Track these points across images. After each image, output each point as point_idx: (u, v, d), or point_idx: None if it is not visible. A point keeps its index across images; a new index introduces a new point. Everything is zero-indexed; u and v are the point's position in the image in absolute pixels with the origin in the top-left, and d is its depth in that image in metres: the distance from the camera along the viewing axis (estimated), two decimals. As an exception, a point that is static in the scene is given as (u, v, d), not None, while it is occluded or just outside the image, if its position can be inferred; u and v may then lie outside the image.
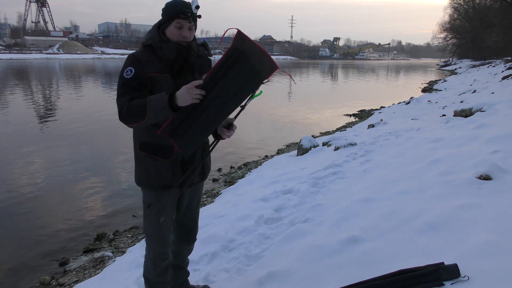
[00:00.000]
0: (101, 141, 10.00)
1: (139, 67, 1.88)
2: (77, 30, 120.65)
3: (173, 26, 1.89)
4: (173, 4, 1.89)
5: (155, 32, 1.94)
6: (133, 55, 1.93)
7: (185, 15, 1.86)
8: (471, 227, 2.41)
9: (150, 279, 2.20)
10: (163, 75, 1.91)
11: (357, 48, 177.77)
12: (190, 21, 1.90)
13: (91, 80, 31.17)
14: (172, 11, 1.88)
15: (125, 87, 1.86)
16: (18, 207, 5.76)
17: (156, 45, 1.91)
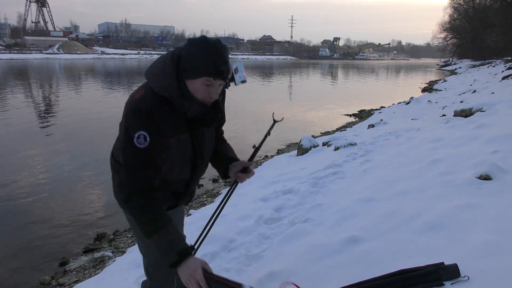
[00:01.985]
0: (101, 141, 10.00)
1: (155, 133, 1.43)
2: (77, 30, 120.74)
3: (201, 82, 1.43)
4: (206, 55, 1.39)
5: (174, 80, 1.43)
6: (145, 111, 1.41)
7: (220, 74, 1.43)
8: (471, 227, 2.41)
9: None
10: (181, 137, 1.55)
11: (357, 48, 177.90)
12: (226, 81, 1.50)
13: (91, 80, 31.17)
14: (204, 66, 1.40)
15: (137, 162, 1.45)
16: (18, 207, 5.76)
17: (174, 100, 1.46)
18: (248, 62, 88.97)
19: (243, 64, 1.60)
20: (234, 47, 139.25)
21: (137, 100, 1.44)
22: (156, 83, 1.45)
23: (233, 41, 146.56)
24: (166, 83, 1.43)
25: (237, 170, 1.82)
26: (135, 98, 1.46)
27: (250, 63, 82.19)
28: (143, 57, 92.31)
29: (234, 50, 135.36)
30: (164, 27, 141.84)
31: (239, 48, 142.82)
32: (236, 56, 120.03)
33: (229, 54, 1.53)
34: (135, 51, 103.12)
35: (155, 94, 1.44)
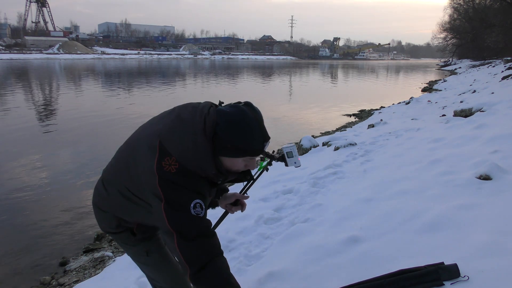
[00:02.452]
0: (101, 141, 10.00)
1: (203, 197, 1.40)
2: (77, 30, 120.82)
3: (242, 160, 1.40)
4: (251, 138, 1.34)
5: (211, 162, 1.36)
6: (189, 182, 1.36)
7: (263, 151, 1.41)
8: (471, 227, 2.41)
9: None
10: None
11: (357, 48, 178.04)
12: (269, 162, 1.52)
13: (92, 80, 31.17)
14: (248, 148, 1.36)
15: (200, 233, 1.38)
16: (18, 207, 5.76)
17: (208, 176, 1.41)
18: (248, 62, 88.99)
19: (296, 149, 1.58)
20: (234, 47, 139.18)
21: (176, 175, 1.34)
22: (189, 162, 1.34)
23: (233, 41, 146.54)
24: (202, 162, 1.35)
25: (229, 203, 1.79)
26: (168, 170, 1.34)
27: (250, 63, 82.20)
28: (143, 57, 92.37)
29: (234, 50, 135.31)
30: (164, 27, 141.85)
31: (239, 48, 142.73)
32: (236, 56, 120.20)
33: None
34: (135, 51, 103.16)
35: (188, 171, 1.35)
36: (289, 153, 1.62)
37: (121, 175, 1.52)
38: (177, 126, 1.37)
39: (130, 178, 1.47)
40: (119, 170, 1.54)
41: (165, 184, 1.33)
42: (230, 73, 43.12)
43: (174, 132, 1.36)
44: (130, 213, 1.57)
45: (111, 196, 1.57)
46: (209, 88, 26.26)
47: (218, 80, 32.84)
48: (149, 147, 1.39)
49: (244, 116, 1.33)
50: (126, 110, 14.86)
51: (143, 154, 1.41)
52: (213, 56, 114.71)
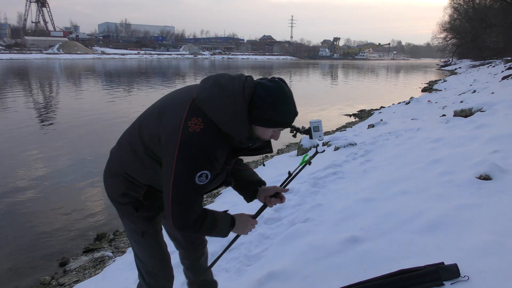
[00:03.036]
0: (101, 141, 10.00)
1: (213, 169, 1.47)
2: (77, 30, 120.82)
3: (272, 131, 1.51)
4: (287, 108, 1.44)
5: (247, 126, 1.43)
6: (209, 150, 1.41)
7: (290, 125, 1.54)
8: (471, 227, 2.41)
9: None
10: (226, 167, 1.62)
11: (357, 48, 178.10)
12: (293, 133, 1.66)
13: (92, 80, 31.17)
14: (281, 120, 1.45)
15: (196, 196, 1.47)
16: (18, 207, 5.76)
17: (241, 139, 1.48)
18: (248, 62, 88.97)
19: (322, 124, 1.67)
20: (234, 47, 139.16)
21: (198, 136, 1.39)
22: (223, 122, 1.40)
23: (233, 41, 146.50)
24: (238, 126, 1.41)
25: (268, 195, 1.88)
26: (193, 130, 1.38)
27: (250, 63, 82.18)
28: (143, 57, 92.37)
29: (234, 50, 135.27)
30: (164, 27, 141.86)
31: (239, 48, 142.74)
32: (236, 56, 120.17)
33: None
34: (135, 51, 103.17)
35: (216, 129, 1.41)
36: (316, 127, 1.69)
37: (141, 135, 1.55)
38: (216, 90, 1.41)
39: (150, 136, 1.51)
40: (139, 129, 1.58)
41: (184, 145, 1.38)
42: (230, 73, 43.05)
43: (212, 95, 1.41)
44: (140, 171, 1.60)
45: (123, 154, 1.63)
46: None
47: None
48: (179, 107, 1.44)
49: (282, 91, 1.43)
50: (126, 110, 14.85)
51: (171, 113, 1.45)
52: (213, 56, 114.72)
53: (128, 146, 1.61)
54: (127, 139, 1.64)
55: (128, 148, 1.61)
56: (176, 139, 1.39)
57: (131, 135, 1.63)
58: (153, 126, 1.50)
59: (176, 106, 1.48)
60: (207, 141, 1.40)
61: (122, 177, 1.65)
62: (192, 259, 2.15)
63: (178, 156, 1.39)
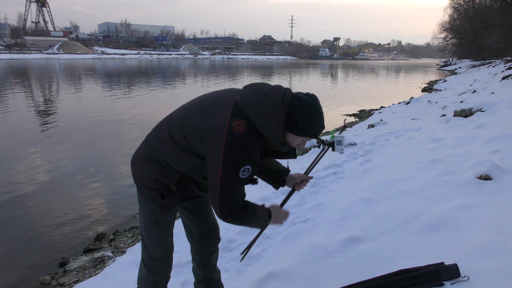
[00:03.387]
0: (101, 141, 10.00)
1: (254, 166, 1.65)
2: (77, 30, 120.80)
3: (301, 139, 1.68)
4: (318, 121, 1.64)
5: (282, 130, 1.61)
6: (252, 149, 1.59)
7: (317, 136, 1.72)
8: (471, 227, 2.41)
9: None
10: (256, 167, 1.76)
11: (357, 48, 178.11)
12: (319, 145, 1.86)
13: (92, 80, 31.17)
14: (311, 130, 1.63)
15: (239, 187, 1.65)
16: (18, 207, 5.76)
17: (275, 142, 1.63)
18: (248, 62, 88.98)
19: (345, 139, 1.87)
20: (234, 47, 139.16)
21: (242, 136, 1.56)
22: (263, 125, 1.57)
23: (233, 41, 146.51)
24: (275, 130, 1.59)
25: (295, 182, 2.08)
26: (237, 130, 1.55)
27: (250, 63, 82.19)
28: (143, 57, 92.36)
29: (234, 50, 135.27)
30: (164, 27, 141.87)
31: (239, 48, 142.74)
32: (236, 56, 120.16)
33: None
34: (135, 51, 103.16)
35: (256, 131, 1.58)
36: (339, 141, 1.86)
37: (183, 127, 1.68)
38: (259, 97, 1.58)
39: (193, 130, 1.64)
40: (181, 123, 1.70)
41: (230, 143, 1.54)
42: (230, 73, 43.13)
43: (256, 101, 1.58)
44: (177, 159, 1.72)
45: (162, 141, 1.74)
46: (210, 88, 26.28)
47: (218, 80, 32.84)
48: (223, 108, 1.60)
49: (316, 106, 1.63)
50: (126, 110, 14.86)
51: (214, 112, 1.61)
52: (213, 56, 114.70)
53: (167, 134, 1.72)
54: (167, 128, 1.75)
55: (168, 136, 1.72)
56: (222, 138, 1.55)
57: (171, 125, 1.74)
58: (195, 122, 1.64)
59: (219, 105, 1.63)
60: (249, 141, 1.57)
61: (158, 163, 1.75)
62: (205, 254, 2.17)
63: (224, 153, 1.55)
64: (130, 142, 9.57)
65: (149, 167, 1.77)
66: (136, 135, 10.42)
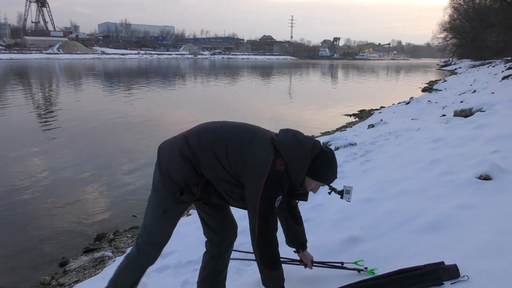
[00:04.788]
0: (101, 141, 10.00)
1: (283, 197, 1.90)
2: (77, 30, 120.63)
3: (316, 183, 1.95)
4: (334, 171, 1.94)
5: (305, 173, 1.89)
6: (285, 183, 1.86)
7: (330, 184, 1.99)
8: (471, 227, 2.41)
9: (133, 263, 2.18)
10: None
11: (357, 48, 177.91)
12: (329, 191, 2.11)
13: (92, 80, 31.18)
14: (327, 178, 1.93)
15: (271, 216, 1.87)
16: (18, 207, 5.75)
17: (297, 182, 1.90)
18: (248, 62, 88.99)
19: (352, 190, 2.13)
20: (234, 47, 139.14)
21: (281, 174, 1.82)
22: (293, 168, 1.84)
23: (233, 41, 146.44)
24: (301, 172, 1.87)
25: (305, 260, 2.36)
26: (278, 168, 1.81)
27: (250, 63, 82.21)
28: (143, 57, 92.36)
29: (234, 50, 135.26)
30: (164, 27, 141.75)
31: (239, 48, 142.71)
32: (236, 56, 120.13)
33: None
34: (135, 51, 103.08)
35: (286, 173, 1.84)
36: (347, 191, 2.11)
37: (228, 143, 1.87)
38: (294, 142, 1.86)
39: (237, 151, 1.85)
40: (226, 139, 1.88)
41: (271, 179, 1.79)
42: (230, 73, 43.13)
43: (291, 145, 1.85)
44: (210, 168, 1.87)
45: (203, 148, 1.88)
46: (210, 88, 26.27)
47: (218, 80, 32.84)
48: (267, 145, 1.86)
49: (335, 160, 1.95)
50: (126, 110, 14.85)
51: (261, 147, 1.85)
52: (213, 56, 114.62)
53: (210, 144, 1.88)
54: (211, 138, 1.90)
55: (210, 146, 1.87)
56: (265, 171, 1.79)
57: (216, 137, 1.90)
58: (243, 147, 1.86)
59: (263, 140, 1.88)
60: (285, 180, 1.84)
61: (191, 164, 1.87)
62: (222, 247, 2.19)
63: (265, 185, 1.79)
64: (130, 142, 9.58)
65: (181, 164, 1.88)
66: (136, 135, 10.42)
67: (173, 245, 3.25)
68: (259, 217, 1.83)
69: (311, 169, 1.88)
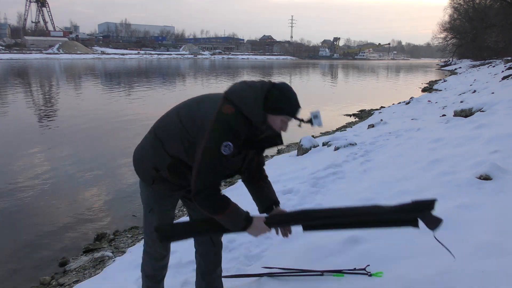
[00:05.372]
0: (101, 141, 10.00)
1: (236, 144, 1.76)
2: (77, 30, 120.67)
3: (280, 119, 1.82)
4: (292, 100, 1.83)
5: (262, 110, 1.78)
6: (236, 128, 1.74)
7: (295, 115, 1.85)
8: (471, 227, 2.41)
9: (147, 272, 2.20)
10: (242, 152, 1.88)
11: (357, 48, 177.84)
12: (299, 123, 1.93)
13: (92, 80, 31.17)
14: (288, 107, 1.81)
15: (217, 165, 1.74)
16: (18, 207, 5.76)
17: (257, 124, 1.79)
18: (248, 62, 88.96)
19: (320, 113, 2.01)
20: (234, 47, 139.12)
21: (229, 116, 1.75)
22: (247, 108, 1.77)
23: (233, 41, 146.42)
24: (257, 111, 1.78)
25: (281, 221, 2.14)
26: (225, 112, 1.75)
27: (250, 63, 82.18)
28: (143, 57, 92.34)
29: (234, 50, 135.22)
30: (164, 27, 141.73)
31: (239, 48, 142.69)
32: (236, 56, 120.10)
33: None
34: (135, 51, 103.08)
35: (243, 115, 1.76)
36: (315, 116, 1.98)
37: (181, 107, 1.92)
38: (243, 86, 1.83)
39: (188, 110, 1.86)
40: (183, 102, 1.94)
41: (217, 121, 1.73)
42: (230, 73, 43.13)
43: (240, 89, 1.82)
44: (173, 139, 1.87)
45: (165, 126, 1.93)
46: (209, 88, 26.26)
47: (218, 80, 32.83)
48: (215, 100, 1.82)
49: (289, 88, 1.86)
50: (126, 110, 14.86)
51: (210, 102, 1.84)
52: (213, 56, 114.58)
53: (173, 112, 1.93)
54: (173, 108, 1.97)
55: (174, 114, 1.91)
56: (212, 118, 1.74)
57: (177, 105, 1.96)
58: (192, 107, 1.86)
59: (212, 99, 1.85)
60: (235, 121, 1.75)
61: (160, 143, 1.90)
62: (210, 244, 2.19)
63: (211, 128, 1.73)
64: (130, 142, 9.57)
65: (152, 144, 1.94)
66: (136, 135, 10.41)
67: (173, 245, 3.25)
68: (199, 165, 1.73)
69: (268, 105, 1.78)
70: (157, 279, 2.22)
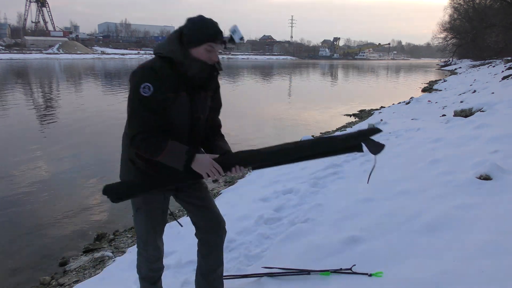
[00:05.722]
0: (101, 141, 10.00)
1: (157, 85, 1.72)
2: (77, 30, 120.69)
3: (204, 49, 1.77)
4: (207, 27, 1.77)
5: (178, 46, 1.76)
6: (150, 68, 1.75)
7: (219, 40, 1.78)
8: (471, 227, 2.41)
9: (143, 273, 2.25)
10: (180, 95, 1.81)
11: (357, 48, 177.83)
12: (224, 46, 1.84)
13: (92, 80, 31.18)
14: (204, 34, 1.75)
15: (141, 108, 1.74)
16: (18, 207, 5.76)
17: (178, 59, 1.76)
18: (248, 62, 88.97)
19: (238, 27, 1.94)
20: (234, 47, 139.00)
21: (144, 63, 1.80)
22: (163, 49, 1.78)
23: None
24: (172, 47, 1.77)
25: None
26: (144, 63, 1.80)
27: (250, 63, 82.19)
28: (143, 57, 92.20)
29: (234, 50, 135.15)
30: (164, 27, 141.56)
31: (239, 48, 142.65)
32: (236, 56, 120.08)
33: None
34: (135, 51, 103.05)
35: (160, 58, 1.77)
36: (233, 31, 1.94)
37: None
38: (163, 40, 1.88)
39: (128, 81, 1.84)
40: None
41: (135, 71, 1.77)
42: (230, 73, 43.12)
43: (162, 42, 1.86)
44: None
45: None
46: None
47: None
48: None
49: (202, 18, 1.80)
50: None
51: None
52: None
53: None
54: None
55: None
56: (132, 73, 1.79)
57: None
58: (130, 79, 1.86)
59: None
60: (150, 63, 1.78)
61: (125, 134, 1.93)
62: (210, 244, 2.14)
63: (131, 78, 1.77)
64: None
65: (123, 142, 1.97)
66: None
67: (173, 245, 3.26)
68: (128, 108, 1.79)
69: (186, 40, 1.76)
70: (153, 280, 2.22)
